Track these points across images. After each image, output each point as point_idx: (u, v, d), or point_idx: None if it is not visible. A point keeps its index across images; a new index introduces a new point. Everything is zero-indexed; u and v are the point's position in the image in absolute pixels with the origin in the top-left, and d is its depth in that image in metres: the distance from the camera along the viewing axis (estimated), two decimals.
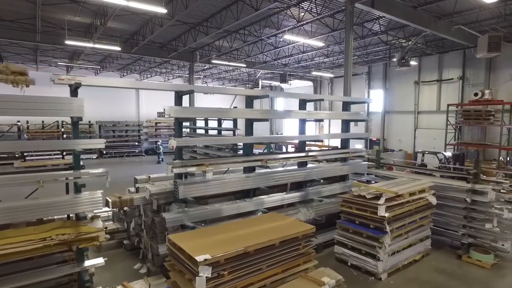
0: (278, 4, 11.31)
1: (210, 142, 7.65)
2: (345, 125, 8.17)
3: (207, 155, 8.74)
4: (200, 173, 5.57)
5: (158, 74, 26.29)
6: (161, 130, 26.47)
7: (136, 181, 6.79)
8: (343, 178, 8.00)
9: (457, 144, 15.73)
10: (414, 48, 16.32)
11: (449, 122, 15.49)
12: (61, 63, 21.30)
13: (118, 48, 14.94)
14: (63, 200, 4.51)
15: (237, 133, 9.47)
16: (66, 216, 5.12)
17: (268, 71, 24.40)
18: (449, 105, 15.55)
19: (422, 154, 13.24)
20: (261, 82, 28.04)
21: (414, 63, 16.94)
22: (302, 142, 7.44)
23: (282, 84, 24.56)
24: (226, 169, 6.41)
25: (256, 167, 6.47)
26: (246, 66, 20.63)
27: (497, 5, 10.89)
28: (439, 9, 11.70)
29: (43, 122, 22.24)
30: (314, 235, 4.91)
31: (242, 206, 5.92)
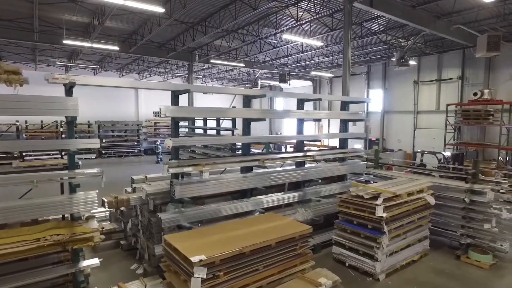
0: (276, 3, 11.27)
1: (207, 142, 7.62)
2: (343, 125, 8.13)
3: (206, 155, 8.71)
4: (197, 173, 5.54)
5: (157, 74, 26.25)
6: (160, 130, 26.41)
7: (133, 181, 6.75)
8: (342, 178, 7.96)
9: (456, 144, 15.70)
10: (413, 47, 16.30)
11: (448, 122, 15.46)
12: (59, 63, 21.25)
13: (116, 47, 14.91)
14: (58, 200, 4.47)
15: (235, 133, 9.44)
16: (61, 216, 5.08)
17: (267, 71, 24.37)
18: (448, 105, 15.51)
19: (421, 154, 13.20)
20: (260, 82, 28.01)
21: (413, 63, 16.92)
22: (300, 142, 7.40)
23: (281, 84, 24.52)
24: (223, 169, 6.38)
25: (254, 167, 6.44)
26: (245, 66, 20.59)
27: (496, 4, 10.86)
28: (438, 8, 11.68)
29: (42, 122, 22.21)
30: (311, 236, 4.88)
31: (239, 206, 5.88)
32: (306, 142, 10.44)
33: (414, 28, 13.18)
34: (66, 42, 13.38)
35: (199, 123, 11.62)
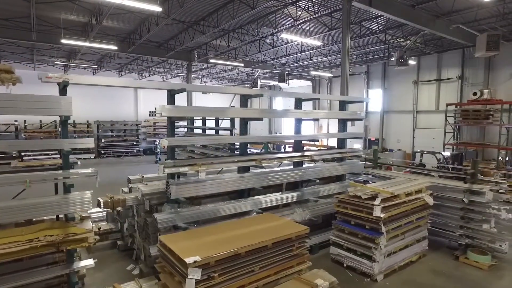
0: (274, 2, 11.22)
1: (203, 142, 7.55)
2: (341, 124, 8.08)
3: (205, 155, 8.66)
4: (193, 173, 5.49)
5: (156, 73, 26.20)
6: (159, 130, 26.37)
7: (129, 181, 6.71)
8: (340, 178, 7.92)
9: (456, 144, 15.64)
10: (412, 47, 16.25)
11: (448, 122, 15.41)
12: (58, 63, 21.21)
13: (114, 47, 14.85)
14: (51, 200, 4.41)
15: (234, 132, 9.40)
16: (55, 217, 5.03)
17: (266, 71, 24.30)
18: (447, 104, 15.45)
19: (420, 154, 13.14)
20: (259, 81, 27.95)
21: (412, 63, 16.86)
22: (298, 141, 7.36)
23: (280, 83, 24.47)
24: (220, 169, 6.33)
25: (252, 167, 6.39)
26: (244, 65, 20.53)
27: (495, 3, 10.82)
28: (437, 7, 11.62)
29: (41, 121, 22.17)
30: (308, 236, 4.83)
31: (236, 206, 5.83)
32: (305, 142, 10.38)
33: (414, 27, 13.13)
34: (64, 41, 13.33)
35: (199, 123, 11.56)
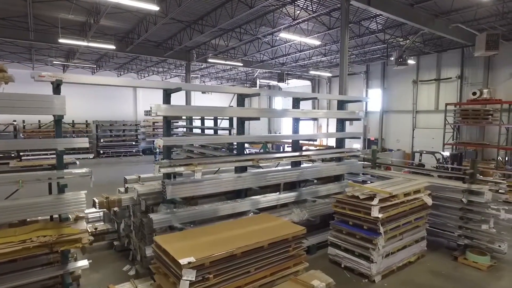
0: (273, 1, 11.18)
1: (200, 141, 7.52)
2: (340, 124, 8.03)
3: (203, 155, 8.60)
4: (190, 173, 5.43)
5: (155, 73, 26.12)
6: (158, 129, 26.27)
7: (126, 181, 6.65)
8: (338, 178, 7.86)
9: (455, 143, 15.59)
10: (412, 47, 16.20)
11: (447, 122, 15.36)
12: (57, 62, 21.14)
13: (113, 46, 14.78)
14: (45, 200, 4.37)
15: (233, 132, 9.34)
16: (49, 217, 4.98)
17: (265, 70, 24.24)
18: (447, 104, 15.40)
19: (420, 154, 13.09)
20: (259, 81, 27.88)
21: (412, 62, 16.82)
22: (296, 141, 7.31)
23: (279, 83, 24.41)
24: (217, 169, 6.28)
25: (250, 167, 6.33)
26: (243, 65, 20.46)
27: (494, 3, 10.78)
28: (436, 6, 11.57)
29: (40, 121, 22.10)
30: (304, 237, 4.78)
31: (233, 207, 5.78)
32: (304, 142, 10.31)
33: (413, 27, 13.08)
34: (62, 41, 13.25)
35: (198, 123, 11.50)
